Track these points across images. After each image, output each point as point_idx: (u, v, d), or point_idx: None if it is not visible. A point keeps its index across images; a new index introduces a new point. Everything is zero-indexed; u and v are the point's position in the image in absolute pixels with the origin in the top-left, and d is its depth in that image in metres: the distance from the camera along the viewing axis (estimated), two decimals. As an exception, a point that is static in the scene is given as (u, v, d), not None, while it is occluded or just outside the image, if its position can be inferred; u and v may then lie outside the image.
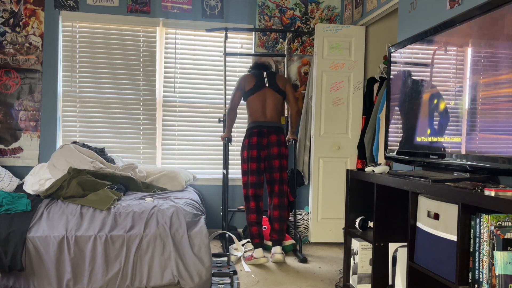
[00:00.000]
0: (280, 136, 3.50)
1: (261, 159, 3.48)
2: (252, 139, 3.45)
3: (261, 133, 3.46)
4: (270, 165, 3.48)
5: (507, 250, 1.44)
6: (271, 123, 3.50)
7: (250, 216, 3.44)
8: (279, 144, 3.48)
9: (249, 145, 3.46)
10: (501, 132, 1.67)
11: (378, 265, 2.29)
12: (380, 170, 2.33)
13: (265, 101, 3.51)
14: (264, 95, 3.50)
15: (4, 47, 3.81)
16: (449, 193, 1.68)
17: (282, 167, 3.50)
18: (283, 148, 3.50)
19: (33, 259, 2.46)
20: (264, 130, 3.46)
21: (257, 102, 3.50)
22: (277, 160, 3.47)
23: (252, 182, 3.45)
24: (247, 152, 3.47)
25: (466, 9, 1.99)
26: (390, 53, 2.62)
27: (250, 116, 3.56)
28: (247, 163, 3.47)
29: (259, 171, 3.46)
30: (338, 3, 4.28)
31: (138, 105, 4.08)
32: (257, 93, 3.50)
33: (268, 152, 3.48)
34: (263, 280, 2.88)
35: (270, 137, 3.47)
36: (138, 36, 4.06)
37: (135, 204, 2.77)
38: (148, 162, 4.10)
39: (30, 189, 3.04)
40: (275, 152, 3.47)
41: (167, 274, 2.54)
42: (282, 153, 3.49)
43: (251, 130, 3.48)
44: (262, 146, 3.46)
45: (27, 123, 3.86)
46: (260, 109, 3.50)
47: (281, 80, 3.59)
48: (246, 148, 3.47)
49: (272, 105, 3.51)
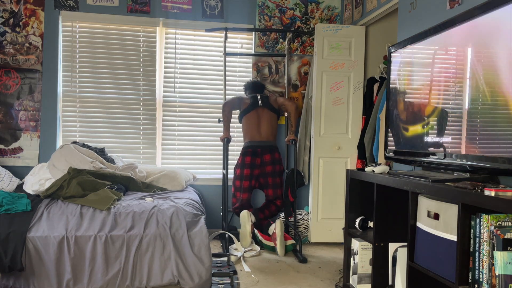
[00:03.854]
0: (274, 154, 3.65)
1: (254, 177, 3.65)
2: (246, 158, 3.61)
3: (255, 153, 3.61)
4: (265, 182, 3.67)
5: (507, 250, 1.44)
6: (265, 143, 3.63)
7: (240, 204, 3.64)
8: (273, 162, 3.63)
9: (242, 163, 3.62)
10: (501, 132, 1.67)
11: (378, 265, 2.29)
12: (380, 170, 2.33)
13: (260, 119, 3.66)
14: (258, 114, 3.67)
15: (4, 47, 3.81)
16: (449, 193, 1.68)
17: (275, 184, 3.67)
18: (277, 166, 3.66)
19: (33, 259, 2.46)
20: (258, 150, 3.61)
21: (252, 121, 3.65)
22: (270, 178, 3.63)
23: (243, 199, 3.64)
24: (240, 170, 3.64)
25: (466, 9, 1.99)
26: (390, 53, 2.62)
27: (245, 136, 3.71)
28: (240, 181, 3.64)
29: (250, 189, 3.67)
30: (338, 3, 4.28)
31: (138, 105, 4.08)
32: (252, 112, 3.66)
33: (261, 170, 3.64)
34: (263, 280, 2.88)
35: (264, 156, 3.62)
36: (138, 36, 4.06)
37: (135, 204, 2.77)
38: (148, 162, 4.10)
39: (30, 189, 3.04)
40: (269, 170, 3.62)
41: (167, 274, 2.54)
42: (276, 171, 3.65)
43: (246, 150, 3.64)
44: (256, 165, 3.63)
45: (27, 123, 3.86)
46: (255, 128, 3.63)
47: (273, 101, 3.77)
48: (240, 166, 3.64)
49: (266, 123, 3.65)
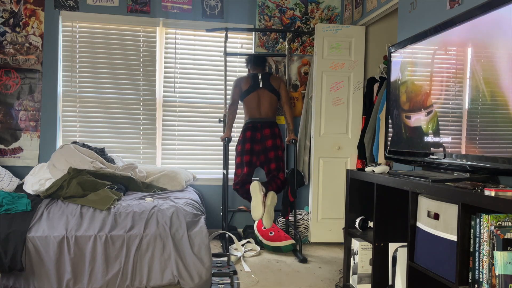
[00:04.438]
0: (274, 129, 3.63)
1: (255, 153, 3.59)
2: (246, 133, 3.60)
3: (254, 128, 3.60)
4: (266, 158, 3.60)
5: (507, 250, 1.44)
6: (265, 119, 3.65)
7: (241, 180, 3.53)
8: (273, 136, 3.60)
9: (243, 139, 3.60)
10: (501, 132, 1.67)
11: (378, 265, 2.29)
12: (380, 170, 2.33)
13: (260, 100, 3.66)
14: (259, 95, 3.67)
15: (4, 47, 3.81)
16: (449, 193, 1.68)
17: (278, 157, 3.61)
18: (278, 140, 3.62)
19: (33, 259, 2.46)
20: (258, 125, 3.61)
21: (253, 101, 3.65)
22: (272, 152, 3.58)
23: (245, 173, 3.56)
24: (241, 146, 3.61)
25: (466, 9, 1.99)
26: (390, 53, 2.62)
27: (246, 115, 3.73)
28: (241, 156, 3.59)
29: (251, 164, 3.59)
30: (338, 3, 4.28)
31: (138, 105, 4.08)
32: (252, 93, 3.66)
33: (262, 145, 3.60)
34: (263, 280, 2.88)
35: (264, 130, 3.60)
36: (138, 36, 4.06)
37: (135, 204, 2.77)
38: (148, 162, 4.10)
39: (30, 189, 3.04)
40: (270, 144, 3.58)
41: (167, 274, 2.54)
42: (277, 145, 3.61)
43: (246, 126, 3.64)
44: (256, 140, 3.59)
45: (27, 123, 3.86)
46: (255, 107, 3.65)
47: (275, 81, 3.75)
48: (241, 142, 3.62)
49: (266, 103, 3.66)
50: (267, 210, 3.28)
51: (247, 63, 3.87)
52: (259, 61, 3.81)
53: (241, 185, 3.53)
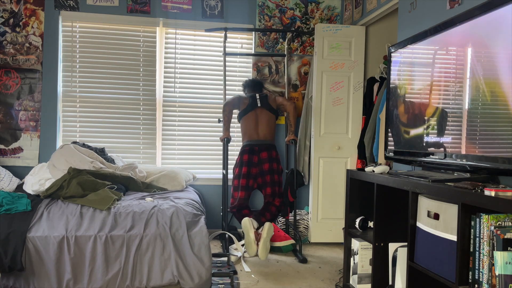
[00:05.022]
0: (271, 152, 3.63)
1: (251, 176, 3.60)
2: (243, 156, 3.60)
3: (252, 151, 3.60)
4: (263, 181, 3.63)
5: (507, 250, 1.44)
6: (263, 141, 3.63)
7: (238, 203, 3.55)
8: (270, 160, 3.60)
9: (240, 162, 3.61)
10: (501, 132, 1.67)
11: (378, 265, 2.29)
12: (380, 170, 2.33)
13: (258, 120, 3.66)
14: (257, 115, 3.67)
15: (4, 47, 3.81)
16: (449, 193, 1.68)
17: (273, 181, 3.61)
18: (275, 164, 3.63)
19: (33, 259, 2.46)
20: (255, 147, 3.61)
21: (250, 121, 3.65)
22: (268, 175, 3.59)
23: (241, 198, 3.56)
24: (238, 169, 3.61)
25: (466, 9, 1.99)
26: (390, 53, 2.62)
27: (243, 136, 3.71)
28: (238, 180, 3.60)
29: (248, 187, 3.59)
30: (338, 3, 4.28)
31: (138, 105, 4.08)
32: (251, 112, 3.67)
33: (259, 169, 3.61)
34: (263, 280, 2.88)
35: (261, 154, 3.60)
36: (138, 36, 4.06)
37: (135, 204, 2.77)
38: (148, 162, 4.10)
39: (30, 189, 3.04)
40: (266, 168, 3.59)
41: (167, 274, 2.54)
42: (274, 169, 3.62)
43: (243, 148, 3.64)
44: (253, 163, 3.60)
45: (27, 123, 3.86)
46: (253, 128, 3.64)
47: (272, 100, 3.77)
48: (238, 165, 3.62)
49: (264, 124, 3.65)
50: (263, 243, 3.18)
51: (244, 88, 3.90)
52: (255, 85, 3.85)
53: (238, 209, 3.55)
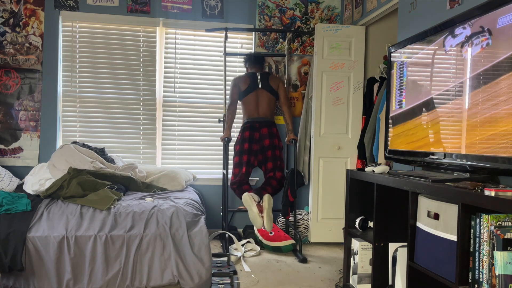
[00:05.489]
0: (272, 129, 3.67)
1: (253, 152, 3.62)
2: (244, 133, 3.63)
3: (253, 127, 3.64)
4: (264, 157, 3.64)
5: (507, 250, 1.44)
6: (263, 118, 3.69)
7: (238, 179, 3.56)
8: (271, 136, 3.63)
9: (241, 139, 3.64)
10: (501, 132, 1.67)
11: (378, 265, 2.29)
12: (380, 170, 2.33)
13: (258, 100, 3.71)
14: (258, 96, 3.71)
15: (4, 47, 3.81)
16: (449, 193, 1.68)
17: (275, 156, 3.63)
18: (276, 139, 3.65)
19: (33, 259, 2.46)
20: (256, 124, 3.65)
21: (251, 101, 3.70)
22: (269, 151, 3.61)
23: (243, 173, 3.57)
24: (239, 146, 3.64)
25: (466, 9, 1.99)
26: (390, 53, 2.62)
27: (244, 115, 3.77)
28: (239, 156, 3.61)
29: (249, 163, 3.61)
30: (338, 3, 4.28)
31: (138, 105, 4.08)
32: (251, 93, 3.70)
33: (260, 145, 3.64)
34: (263, 280, 2.88)
35: (262, 130, 3.64)
36: (138, 36, 4.06)
37: (135, 204, 2.77)
38: (148, 162, 4.10)
39: (30, 189, 3.04)
40: (267, 143, 3.62)
41: (167, 274, 2.54)
42: (275, 144, 3.64)
43: (244, 126, 3.68)
44: (255, 140, 3.63)
45: (27, 123, 3.86)
46: (253, 108, 3.70)
47: (274, 81, 3.79)
48: (239, 142, 3.65)
49: (265, 104, 3.71)
50: (266, 214, 3.27)
51: (245, 61, 3.90)
52: (257, 60, 3.84)
53: (238, 184, 3.54)
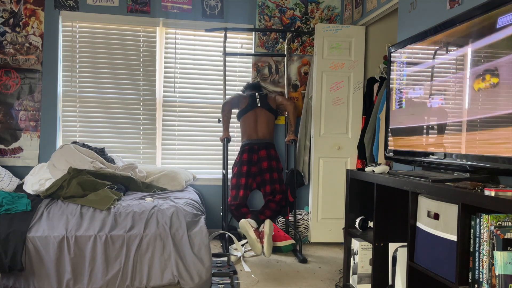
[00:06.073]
0: (270, 151, 3.67)
1: (251, 175, 3.62)
2: (243, 155, 3.64)
3: (252, 150, 3.64)
4: (263, 179, 3.65)
5: (507, 250, 1.44)
6: (262, 140, 3.69)
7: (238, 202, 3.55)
8: (269, 158, 3.64)
9: (240, 161, 3.64)
10: (501, 132, 1.67)
11: (378, 265, 2.29)
12: (380, 170, 2.33)
13: (257, 119, 3.72)
14: (256, 115, 3.73)
15: (4, 47, 3.81)
16: (449, 193, 1.68)
17: (272, 179, 3.62)
18: (274, 162, 3.66)
19: (33, 259, 2.46)
20: (255, 146, 3.65)
21: (250, 120, 3.71)
22: (267, 174, 3.61)
23: (241, 196, 3.57)
24: (237, 168, 3.63)
25: (466, 9, 1.99)
26: (390, 53, 2.62)
27: (243, 135, 3.76)
28: (237, 178, 3.61)
29: (247, 186, 3.61)
30: (338, 3, 4.28)
31: (138, 105, 4.08)
32: (250, 112, 3.72)
33: (258, 167, 3.64)
34: (263, 280, 2.88)
35: (260, 152, 3.64)
36: (138, 36, 4.06)
37: (135, 204, 2.77)
38: (148, 162, 4.10)
39: (30, 189, 3.04)
40: (265, 166, 3.62)
41: (167, 274, 2.54)
42: (273, 167, 3.64)
43: (243, 147, 3.68)
44: (253, 162, 3.64)
45: (27, 123, 3.86)
46: (252, 127, 3.70)
47: (272, 100, 3.83)
48: (238, 164, 3.65)
49: (264, 123, 3.71)
50: (267, 240, 3.10)
51: (244, 90, 3.96)
52: (255, 86, 3.94)
53: (236, 207, 3.55)
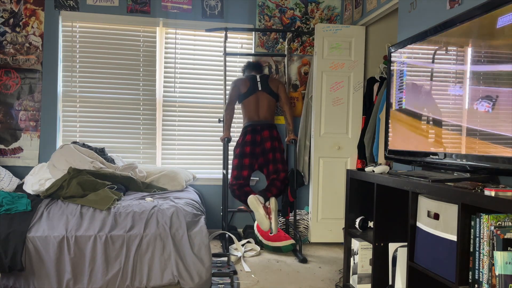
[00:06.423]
0: (272, 131, 3.68)
1: (254, 155, 3.62)
2: (246, 136, 3.63)
3: (254, 130, 3.63)
4: (265, 160, 3.64)
5: (507, 250, 1.44)
6: (264, 121, 3.68)
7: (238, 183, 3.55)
8: (272, 138, 3.64)
9: (243, 142, 3.63)
10: (501, 132, 1.67)
11: (378, 265, 2.29)
12: (380, 170, 2.33)
13: (259, 103, 3.71)
14: (258, 98, 3.71)
15: (4, 47, 3.81)
16: (449, 193, 1.68)
17: (275, 159, 3.63)
18: (276, 142, 3.66)
19: (33, 259, 2.46)
20: (258, 127, 3.65)
21: (251, 104, 3.69)
22: (270, 153, 3.62)
23: (244, 176, 3.58)
24: (240, 149, 3.63)
25: (466, 9, 1.99)
26: (390, 53, 2.62)
27: (244, 117, 3.76)
28: (240, 159, 3.60)
29: (251, 167, 3.61)
30: (338, 3, 4.28)
31: (138, 105, 4.08)
32: (251, 96, 3.70)
33: (261, 148, 3.64)
34: (263, 280, 2.88)
35: (263, 132, 3.64)
36: (138, 36, 4.06)
37: (135, 204, 2.77)
38: (148, 162, 4.10)
39: (30, 189, 3.04)
40: (268, 146, 3.62)
41: (167, 274, 2.54)
42: (275, 147, 3.65)
43: (246, 129, 3.67)
44: (256, 143, 3.63)
45: (27, 123, 3.86)
46: (254, 111, 3.69)
47: (273, 83, 3.79)
48: (240, 146, 3.64)
49: (265, 106, 3.70)
50: (274, 216, 3.32)
51: (244, 70, 3.90)
52: (255, 66, 3.85)
53: (239, 186, 3.54)
